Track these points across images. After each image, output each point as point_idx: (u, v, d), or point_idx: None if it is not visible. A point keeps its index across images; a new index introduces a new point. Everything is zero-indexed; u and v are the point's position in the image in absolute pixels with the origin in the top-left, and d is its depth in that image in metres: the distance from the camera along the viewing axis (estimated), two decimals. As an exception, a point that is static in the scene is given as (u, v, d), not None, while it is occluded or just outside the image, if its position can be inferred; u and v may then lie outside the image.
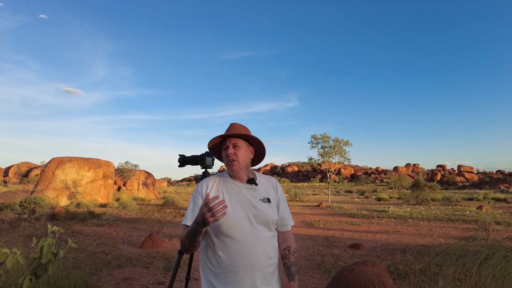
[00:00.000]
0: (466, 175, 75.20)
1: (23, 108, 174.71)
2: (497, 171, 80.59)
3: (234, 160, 1.47)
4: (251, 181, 1.50)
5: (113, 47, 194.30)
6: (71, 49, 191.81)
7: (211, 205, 1.17)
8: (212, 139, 1.54)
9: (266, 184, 1.56)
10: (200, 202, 1.47)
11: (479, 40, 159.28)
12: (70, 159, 18.27)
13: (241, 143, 1.51)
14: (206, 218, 1.18)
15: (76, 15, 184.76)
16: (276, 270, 1.48)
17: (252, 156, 1.58)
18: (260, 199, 1.48)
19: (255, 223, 1.42)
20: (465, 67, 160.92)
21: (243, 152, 1.51)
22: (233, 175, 1.52)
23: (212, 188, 1.50)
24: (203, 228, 1.26)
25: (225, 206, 1.20)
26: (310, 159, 25.13)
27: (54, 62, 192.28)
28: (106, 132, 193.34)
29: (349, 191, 43.08)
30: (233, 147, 1.49)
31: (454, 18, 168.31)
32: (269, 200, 1.50)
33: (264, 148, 1.59)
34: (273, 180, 1.61)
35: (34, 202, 11.20)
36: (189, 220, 1.43)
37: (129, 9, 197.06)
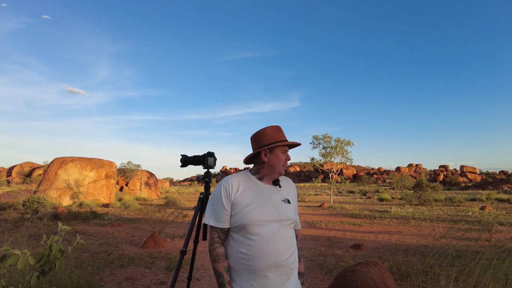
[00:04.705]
0: (469, 175, 74.83)
1: (26, 108, 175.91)
2: (500, 171, 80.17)
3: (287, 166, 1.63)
4: (276, 182, 1.58)
5: (116, 48, 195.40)
6: (74, 49, 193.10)
7: None
8: (288, 142, 1.58)
9: (287, 186, 1.65)
10: (226, 205, 1.48)
11: (482, 40, 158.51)
12: (73, 159, 18.34)
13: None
14: None
15: (79, 16, 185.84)
16: (297, 266, 1.60)
17: None
18: (282, 200, 1.56)
19: (278, 223, 1.50)
20: (468, 67, 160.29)
21: None
22: (263, 176, 1.58)
23: (239, 188, 1.51)
24: None
25: None
26: (312, 159, 25.06)
27: (58, 63, 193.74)
28: (108, 132, 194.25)
29: (351, 192, 42.95)
30: (287, 153, 1.61)
31: (457, 18, 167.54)
32: (289, 201, 1.58)
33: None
34: (290, 181, 1.71)
35: (37, 202, 11.25)
36: (212, 221, 1.50)
37: (133, 10, 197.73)
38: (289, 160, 1.59)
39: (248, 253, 1.44)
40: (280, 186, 1.58)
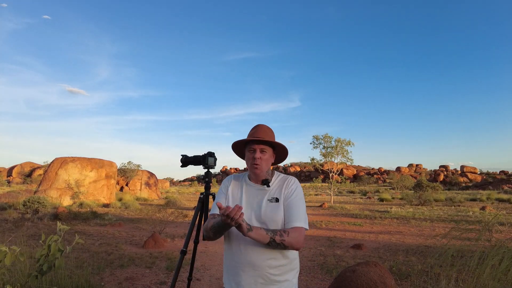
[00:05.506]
0: (469, 175, 74.77)
1: (26, 108, 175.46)
2: (500, 171, 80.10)
3: (258, 165, 1.52)
4: (265, 182, 1.56)
5: (116, 48, 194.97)
6: (74, 49, 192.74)
7: (226, 214, 1.24)
8: (239, 140, 1.60)
9: (280, 184, 1.58)
10: (224, 192, 1.62)
11: (482, 39, 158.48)
12: (73, 159, 18.35)
13: (268, 149, 1.56)
14: (228, 223, 1.27)
15: (80, 16, 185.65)
16: (287, 274, 1.49)
17: (273, 160, 1.66)
18: (268, 199, 1.52)
19: (258, 223, 1.48)
20: (468, 66, 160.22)
21: (268, 157, 1.57)
22: (250, 176, 1.61)
23: (231, 184, 1.63)
24: (229, 228, 1.38)
25: (240, 209, 1.24)
26: (313, 159, 25.05)
27: (58, 63, 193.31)
28: (109, 132, 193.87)
29: (352, 192, 42.99)
30: (260, 152, 1.53)
31: (456, 17, 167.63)
32: (277, 200, 1.52)
33: (287, 154, 1.69)
34: (290, 179, 1.59)
35: (37, 202, 11.26)
36: (213, 209, 1.57)
37: (133, 10, 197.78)
38: (255, 158, 1.51)
39: (228, 250, 1.52)
40: (268, 186, 1.54)
